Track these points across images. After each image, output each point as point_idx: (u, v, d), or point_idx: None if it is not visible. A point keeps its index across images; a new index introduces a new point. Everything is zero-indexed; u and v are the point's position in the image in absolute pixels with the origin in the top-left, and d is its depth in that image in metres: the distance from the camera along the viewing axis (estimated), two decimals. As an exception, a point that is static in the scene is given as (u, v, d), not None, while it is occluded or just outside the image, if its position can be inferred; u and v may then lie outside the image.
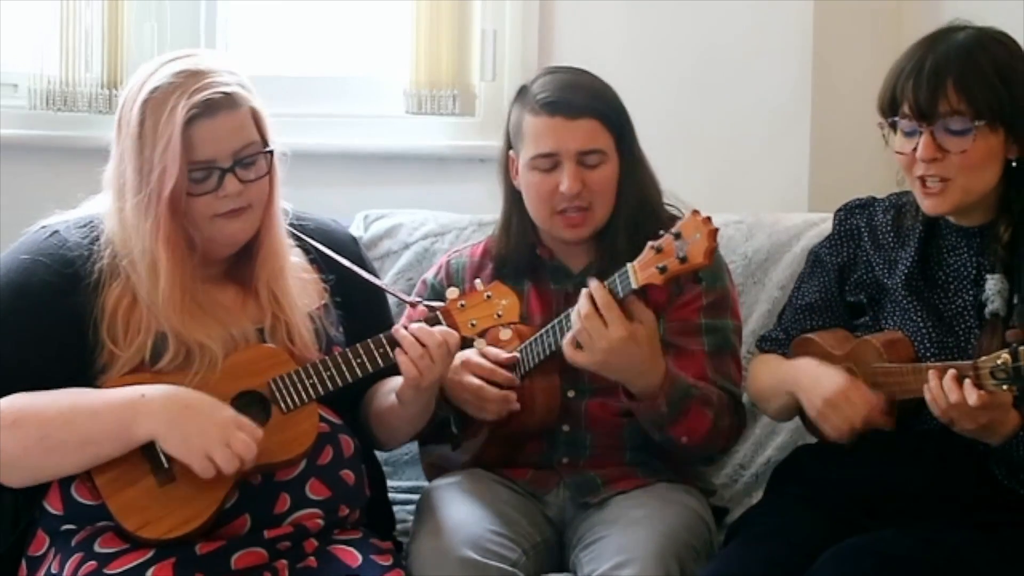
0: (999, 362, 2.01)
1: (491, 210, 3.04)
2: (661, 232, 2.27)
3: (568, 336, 2.34)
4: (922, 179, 2.24)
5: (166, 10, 3.36)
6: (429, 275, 2.74)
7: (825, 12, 3.34)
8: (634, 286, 2.28)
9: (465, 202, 3.24)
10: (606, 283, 2.32)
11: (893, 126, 2.26)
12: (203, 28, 3.38)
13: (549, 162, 2.51)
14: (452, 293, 2.33)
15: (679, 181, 2.65)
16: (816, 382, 2.28)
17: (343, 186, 3.30)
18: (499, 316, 2.31)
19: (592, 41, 3.27)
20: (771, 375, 2.44)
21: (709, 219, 2.22)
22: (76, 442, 2.12)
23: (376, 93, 3.42)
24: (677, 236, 2.23)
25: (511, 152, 2.60)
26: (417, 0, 3.31)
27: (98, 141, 3.23)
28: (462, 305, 2.31)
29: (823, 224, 3.01)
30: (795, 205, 3.30)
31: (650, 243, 2.26)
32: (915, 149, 2.23)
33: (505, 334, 2.34)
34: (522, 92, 2.58)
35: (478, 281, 2.35)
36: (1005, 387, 2.01)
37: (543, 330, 2.45)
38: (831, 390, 2.24)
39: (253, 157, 2.23)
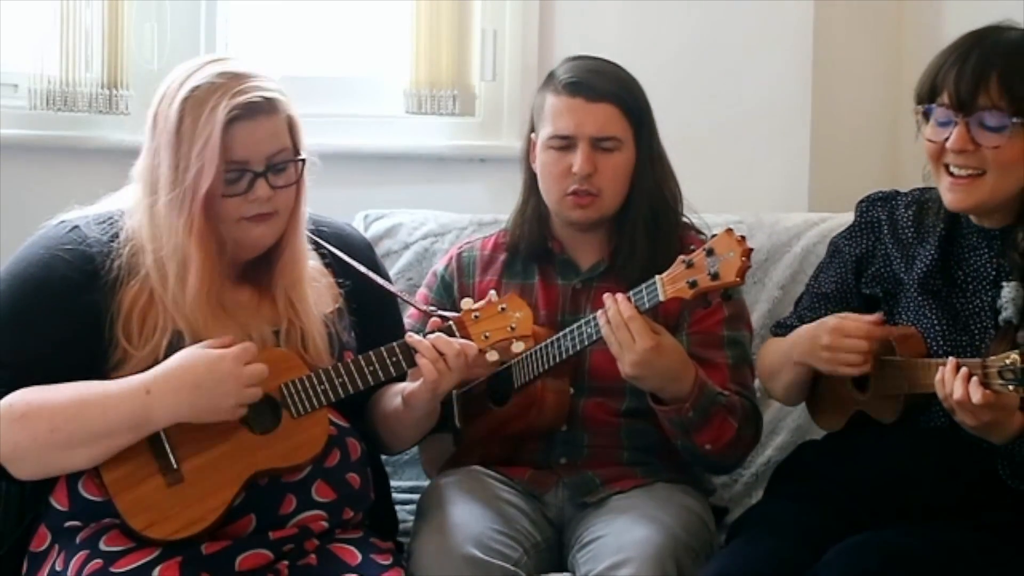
0: (1008, 362, 2.00)
1: (491, 210, 3.05)
2: (692, 247, 2.28)
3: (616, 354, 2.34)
4: (948, 169, 2.22)
5: (166, 10, 3.35)
6: (439, 267, 2.75)
7: (825, 12, 3.34)
8: (661, 298, 2.29)
9: (465, 202, 3.25)
10: (631, 294, 2.32)
11: (927, 114, 2.24)
12: (203, 28, 3.37)
13: (564, 143, 2.53)
14: (467, 304, 2.33)
15: (679, 181, 2.65)
16: (813, 339, 2.29)
17: (343, 186, 3.28)
18: (512, 329, 2.31)
19: (592, 41, 3.27)
20: (776, 351, 2.46)
21: (743, 238, 2.23)
22: (86, 436, 2.12)
23: (376, 93, 3.42)
24: (709, 252, 2.24)
25: (532, 135, 2.61)
26: (417, 0, 3.31)
27: (98, 141, 3.26)
28: (476, 316, 2.31)
29: (823, 224, 3.03)
30: (795, 205, 3.30)
31: (681, 257, 2.27)
32: (947, 140, 2.21)
33: (518, 347, 2.33)
34: (549, 77, 2.60)
35: (492, 293, 2.35)
36: (1012, 388, 2.00)
37: (561, 333, 2.45)
38: (826, 335, 2.25)
39: (285, 164, 2.24)
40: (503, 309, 2.31)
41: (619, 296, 2.33)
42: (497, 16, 3.35)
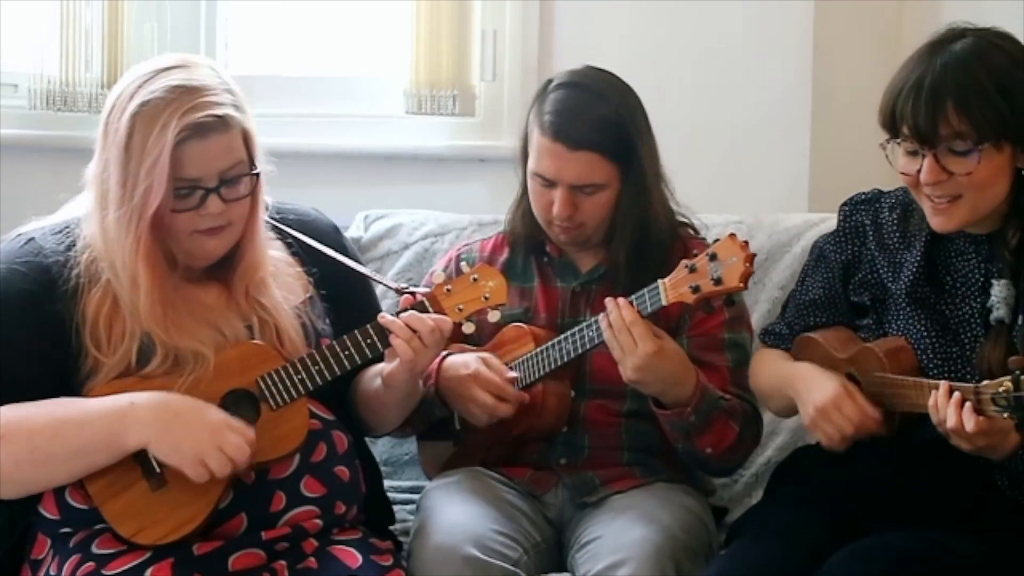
0: (1000, 389, 1.96)
1: (491, 210, 3.05)
2: (695, 251, 2.27)
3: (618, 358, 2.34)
4: (929, 196, 2.20)
5: (166, 10, 3.36)
6: (438, 268, 2.74)
7: (825, 12, 3.34)
8: (664, 303, 2.29)
9: (465, 202, 3.25)
10: (633, 298, 2.32)
11: (897, 143, 2.21)
12: (203, 28, 3.37)
13: (546, 182, 2.51)
14: (438, 278, 2.31)
15: (679, 181, 2.65)
16: (809, 390, 2.25)
17: (343, 186, 3.30)
18: (486, 299, 2.29)
19: (592, 41, 3.27)
20: (772, 374, 2.42)
21: (746, 243, 2.22)
22: (66, 454, 2.11)
23: (376, 93, 3.42)
24: (712, 257, 2.23)
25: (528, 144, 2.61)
26: (417, 0, 3.32)
27: (98, 141, 3.25)
28: (448, 290, 2.29)
29: (823, 224, 3.01)
30: (795, 205, 3.30)
31: (684, 261, 2.27)
32: (919, 171, 2.17)
33: (493, 316, 2.31)
34: (542, 93, 2.55)
35: (463, 264, 2.35)
36: (1006, 415, 1.97)
37: (562, 336, 2.45)
38: (822, 399, 2.21)
39: (239, 177, 2.21)
40: (475, 280, 2.29)
41: (621, 300, 2.33)
42: (497, 16, 3.35)
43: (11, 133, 3.26)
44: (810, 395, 2.24)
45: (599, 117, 2.51)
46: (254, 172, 2.22)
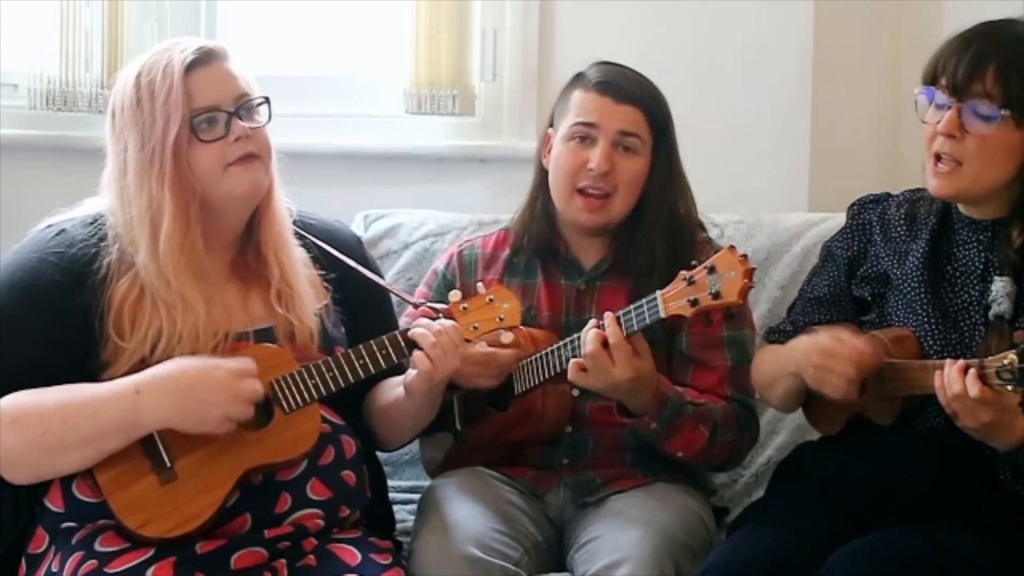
0: (1005, 362, 2.00)
1: (491, 210, 3.05)
2: (694, 263, 2.27)
3: (575, 362, 2.35)
4: (937, 155, 2.25)
5: (166, 10, 3.35)
6: (440, 265, 2.75)
7: (825, 12, 3.34)
8: (662, 315, 2.28)
9: (465, 202, 3.25)
10: (631, 309, 2.32)
11: (929, 98, 2.27)
12: (203, 28, 3.37)
13: (586, 131, 2.53)
14: (455, 296, 2.33)
15: (680, 181, 2.65)
16: (806, 355, 2.28)
17: (343, 186, 3.30)
18: (501, 320, 2.31)
19: (592, 41, 3.27)
20: (772, 361, 2.44)
21: (746, 257, 2.22)
22: (78, 439, 2.12)
23: (376, 93, 3.42)
24: (711, 270, 2.22)
25: (550, 130, 2.62)
26: (417, 0, 3.32)
27: (98, 141, 3.22)
28: (464, 308, 2.31)
29: (823, 224, 3.03)
30: (795, 205, 3.30)
31: (682, 273, 2.26)
32: (939, 123, 2.24)
33: (506, 337, 2.33)
34: (577, 77, 2.61)
35: (480, 284, 2.35)
36: (1010, 388, 2.00)
37: (561, 343, 2.45)
38: (815, 355, 2.24)
39: (253, 105, 2.26)
40: (491, 300, 2.31)
41: (608, 317, 2.32)
42: (497, 16, 3.35)
43: (11, 133, 3.26)
44: (806, 357, 2.27)
45: (644, 85, 2.59)
46: (264, 97, 2.28)
